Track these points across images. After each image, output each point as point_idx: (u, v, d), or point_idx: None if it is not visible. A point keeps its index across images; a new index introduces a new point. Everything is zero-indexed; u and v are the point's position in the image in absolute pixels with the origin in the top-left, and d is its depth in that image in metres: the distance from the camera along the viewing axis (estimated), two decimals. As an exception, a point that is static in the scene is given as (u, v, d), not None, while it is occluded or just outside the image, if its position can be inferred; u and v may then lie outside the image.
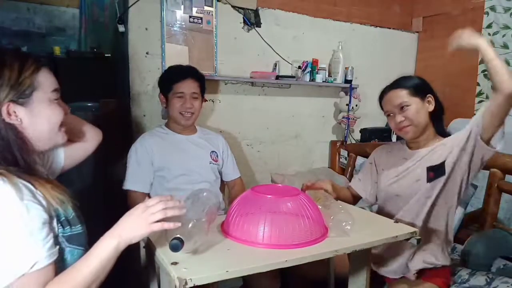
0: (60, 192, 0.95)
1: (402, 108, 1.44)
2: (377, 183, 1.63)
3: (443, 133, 1.52)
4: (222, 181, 2.00)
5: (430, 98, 1.46)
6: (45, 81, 0.98)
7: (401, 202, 1.51)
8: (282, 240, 1.03)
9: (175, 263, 0.90)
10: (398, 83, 1.48)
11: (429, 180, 1.45)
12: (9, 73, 0.91)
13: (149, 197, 1.76)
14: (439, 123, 1.51)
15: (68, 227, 0.95)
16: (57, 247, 0.89)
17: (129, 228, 0.92)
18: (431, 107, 1.46)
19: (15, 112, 0.92)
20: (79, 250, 0.96)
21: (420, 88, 1.46)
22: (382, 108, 1.55)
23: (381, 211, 1.61)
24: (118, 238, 0.91)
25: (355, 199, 1.69)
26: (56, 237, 0.91)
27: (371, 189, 1.65)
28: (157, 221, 0.92)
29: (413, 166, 1.50)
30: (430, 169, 1.46)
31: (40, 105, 0.96)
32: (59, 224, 0.92)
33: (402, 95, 1.45)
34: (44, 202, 0.89)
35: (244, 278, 1.70)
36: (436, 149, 1.47)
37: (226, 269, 0.89)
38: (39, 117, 0.97)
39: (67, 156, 1.21)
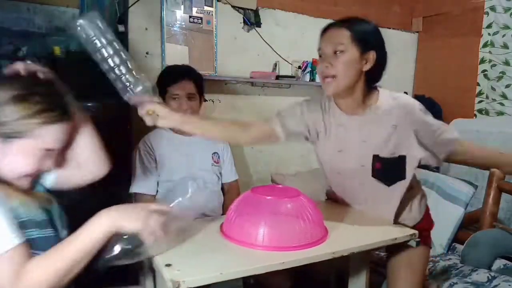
0: (26, 194, 0.91)
1: (335, 52, 1.16)
2: (315, 146, 1.39)
3: (373, 88, 1.26)
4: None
5: (372, 55, 1.17)
6: (44, 137, 0.89)
7: (345, 181, 1.35)
8: (281, 242, 1.03)
9: (168, 265, 0.89)
10: (345, 22, 1.19)
11: (375, 172, 1.24)
12: (11, 111, 0.85)
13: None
14: (370, 83, 1.24)
15: (36, 229, 0.90)
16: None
17: (127, 218, 0.89)
18: (367, 66, 1.18)
19: None
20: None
21: (368, 37, 1.18)
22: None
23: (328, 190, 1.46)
24: (112, 220, 0.88)
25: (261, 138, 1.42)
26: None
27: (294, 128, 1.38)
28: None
29: (354, 141, 1.25)
30: (377, 158, 1.23)
31: (15, 151, 0.87)
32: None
33: (342, 36, 1.16)
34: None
35: (255, 276, 1.68)
36: (375, 119, 1.22)
37: (220, 271, 0.88)
38: (5, 158, 0.88)
39: (60, 182, 1.07)
